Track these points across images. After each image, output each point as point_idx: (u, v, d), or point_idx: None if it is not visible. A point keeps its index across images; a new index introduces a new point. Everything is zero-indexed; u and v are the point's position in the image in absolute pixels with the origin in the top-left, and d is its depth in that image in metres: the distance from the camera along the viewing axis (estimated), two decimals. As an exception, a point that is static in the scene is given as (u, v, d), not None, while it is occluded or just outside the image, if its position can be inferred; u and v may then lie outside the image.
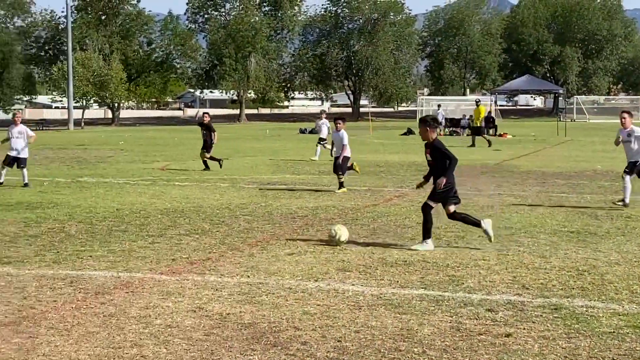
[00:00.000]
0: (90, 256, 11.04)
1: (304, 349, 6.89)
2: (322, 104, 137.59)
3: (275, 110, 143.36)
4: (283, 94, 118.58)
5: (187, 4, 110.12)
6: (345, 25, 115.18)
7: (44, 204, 17.05)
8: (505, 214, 15.14)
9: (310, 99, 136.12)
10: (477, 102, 45.85)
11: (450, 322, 7.73)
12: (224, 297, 8.73)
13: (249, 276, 9.77)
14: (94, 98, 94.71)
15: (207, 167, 26.21)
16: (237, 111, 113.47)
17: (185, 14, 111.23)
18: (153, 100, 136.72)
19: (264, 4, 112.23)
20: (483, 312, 8.08)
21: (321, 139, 31.74)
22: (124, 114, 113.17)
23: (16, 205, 16.73)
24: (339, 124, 20.06)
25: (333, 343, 7.07)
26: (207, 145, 26.58)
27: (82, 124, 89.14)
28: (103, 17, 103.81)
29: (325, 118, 33.22)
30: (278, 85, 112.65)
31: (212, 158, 26.42)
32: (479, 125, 42.78)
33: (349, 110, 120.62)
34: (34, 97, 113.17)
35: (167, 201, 17.54)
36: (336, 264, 10.46)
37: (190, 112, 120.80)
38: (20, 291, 8.94)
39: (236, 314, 8.03)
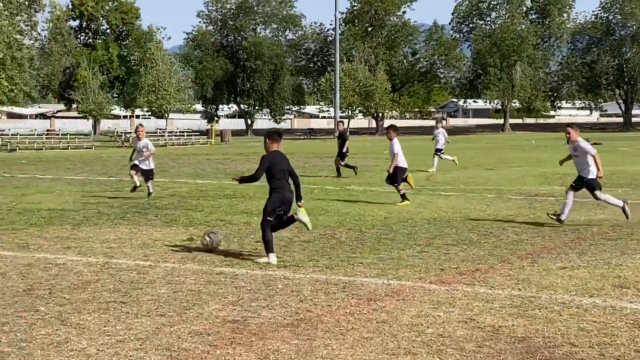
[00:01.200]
0: (361, 263, 11.26)
1: (581, 367, 6.65)
2: (591, 113, 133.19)
3: (541, 120, 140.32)
4: (549, 103, 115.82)
5: (452, 13, 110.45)
6: (617, 32, 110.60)
7: (315, 210, 17.59)
8: None
9: (578, 109, 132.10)
10: None
11: None
12: (495, 309, 8.60)
13: (520, 289, 9.57)
14: (359, 108, 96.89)
15: (339, 174, 27.49)
16: (501, 121, 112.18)
17: (450, 23, 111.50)
18: (416, 110, 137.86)
19: (531, 11, 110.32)
20: None
21: (437, 150, 31.27)
22: (387, 123, 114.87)
23: (289, 211, 17.38)
24: (390, 133, 19.53)
25: (612, 363, 6.77)
26: (341, 153, 27.75)
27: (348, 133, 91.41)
28: (369, 29, 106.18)
29: (442, 127, 32.12)
30: (544, 94, 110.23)
31: (346, 165, 27.47)
32: None
33: (620, 120, 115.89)
34: (302, 107, 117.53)
35: (434, 211, 17.58)
36: (612, 280, 10.03)
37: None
38: (297, 294, 9.26)
39: (509, 327, 7.88)
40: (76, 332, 7.66)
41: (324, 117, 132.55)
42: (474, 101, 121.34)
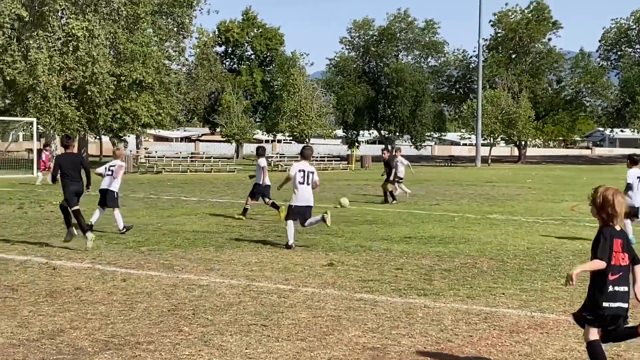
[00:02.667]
0: (503, 293, 11.04)
1: None
2: None
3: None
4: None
5: (599, 41, 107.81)
6: None
7: (456, 239, 17.42)
8: None
9: None
10: None
11: None
12: (645, 347, 8.28)
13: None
14: (501, 136, 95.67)
15: (386, 200, 28.26)
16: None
17: (597, 51, 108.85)
18: (560, 138, 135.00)
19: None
20: None
21: (398, 178, 29.94)
22: (530, 151, 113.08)
23: (429, 239, 17.25)
24: (260, 155, 22.19)
25: None
26: (388, 180, 28.68)
27: (489, 161, 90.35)
28: (513, 56, 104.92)
29: (402, 156, 30.96)
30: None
31: (390, 193, 28.28)
32: None
33: None
34: (443, 134, 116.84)
35: (578, 242, 17.12)
36: None
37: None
38: (437, 323, 9.14)
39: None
40: (219, 353, 7.77)
41: (465, 145, 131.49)
42: (621, 130, 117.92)
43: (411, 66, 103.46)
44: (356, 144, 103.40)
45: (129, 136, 78.26)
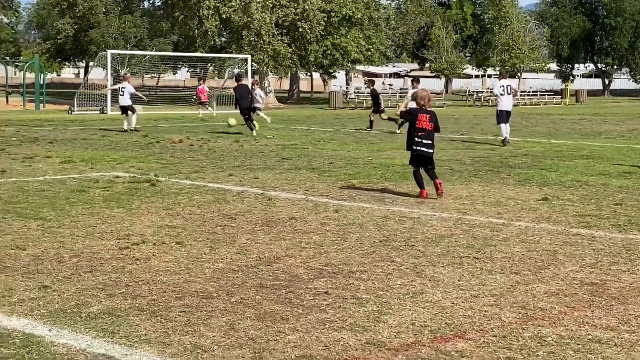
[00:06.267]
0: None
1: None
2: None
3: None
4: None
5: None
6: None
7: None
8: None
9: None
10: None
11: None
12: None
13: None
14: None
15: (370, 127, 30.63)
16: None
17: None
18: None
19: None
20: None
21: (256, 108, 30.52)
22: None
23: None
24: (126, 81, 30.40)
25: None
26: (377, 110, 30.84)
27: None
28: None
29: (259, 87, 33.71)
30: None
31: (390, 119, 30.39)
32: None
33: None
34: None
35: None
36: None
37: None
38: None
39: None
40: (431, 284, 7.71)
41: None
42: None
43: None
44: (571, 77, 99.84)
45: (338, 72, 79.15)
